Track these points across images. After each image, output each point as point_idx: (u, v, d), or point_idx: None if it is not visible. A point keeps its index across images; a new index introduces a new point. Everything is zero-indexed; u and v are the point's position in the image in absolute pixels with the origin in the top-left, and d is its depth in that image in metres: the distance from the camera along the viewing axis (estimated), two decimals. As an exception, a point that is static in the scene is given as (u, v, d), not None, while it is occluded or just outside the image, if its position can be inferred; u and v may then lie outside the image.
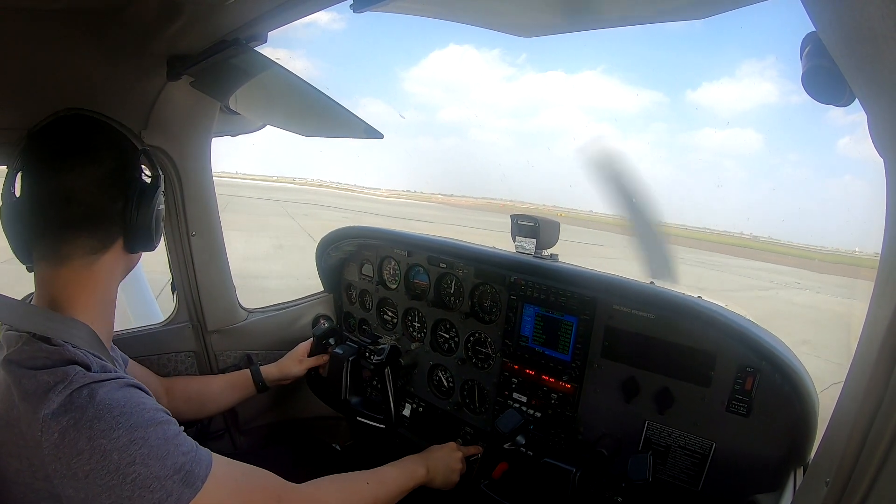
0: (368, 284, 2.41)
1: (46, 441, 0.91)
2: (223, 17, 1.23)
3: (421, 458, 1.69)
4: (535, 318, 1.79)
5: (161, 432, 0.99)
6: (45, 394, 0.93)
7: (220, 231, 2.09)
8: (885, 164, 0.64)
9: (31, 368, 0.97)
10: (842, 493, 0.65)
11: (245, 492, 1.12)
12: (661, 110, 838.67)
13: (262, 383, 2.02)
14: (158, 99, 1.66)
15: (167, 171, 1.86)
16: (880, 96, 0.59)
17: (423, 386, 2.19)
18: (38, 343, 1.01)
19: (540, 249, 1.87)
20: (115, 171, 1.14)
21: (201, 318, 2.12)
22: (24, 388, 0.95)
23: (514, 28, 1.21)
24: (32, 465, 0.94)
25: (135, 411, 0.97)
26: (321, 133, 1.87)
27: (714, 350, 1.42)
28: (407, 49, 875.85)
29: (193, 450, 1.04)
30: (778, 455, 1.33)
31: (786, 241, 72.16)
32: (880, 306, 0.65)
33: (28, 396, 0.94)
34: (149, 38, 1.40)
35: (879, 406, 0.60)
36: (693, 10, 0.96)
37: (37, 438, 0.92)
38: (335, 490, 1.37)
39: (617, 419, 1.62)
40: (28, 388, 0.95)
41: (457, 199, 75.32)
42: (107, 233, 1.15)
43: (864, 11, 0.52)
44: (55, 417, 0.92)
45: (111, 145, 1.16)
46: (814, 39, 0.68)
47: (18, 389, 0.96)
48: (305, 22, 1.27)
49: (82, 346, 1.04)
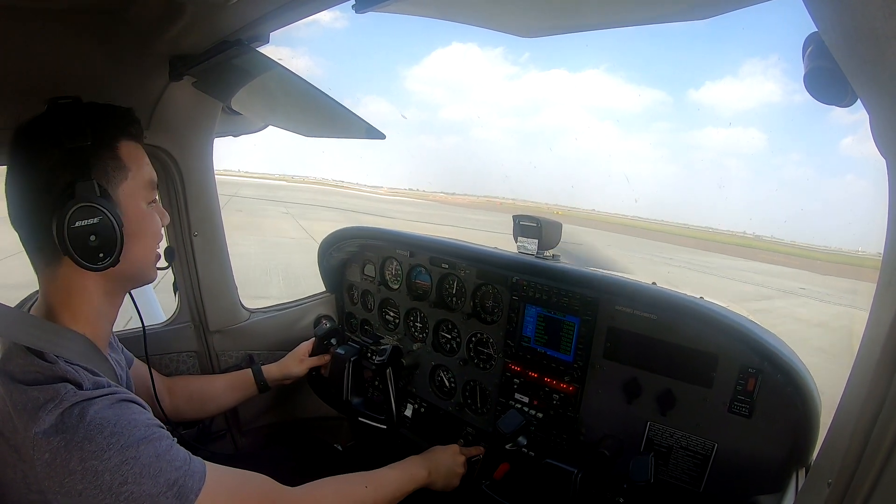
0: (370, 285, 2.41)
1: (38, 459, 0.91)
2: (225, 18, 1.23)
3: (423, 460, 1.68)
4: (537, 319, 1.79)
5: (153, 449, 0.98)
6: (36, 412, 0.92)
7: (223, 231, 2.09)
8: (888, 164, 0.64)
9: (23, 383, 0.96)
10: (844, 494, 0.65)
11: (240, 499, 1.12)
12: (664, 109, 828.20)
13: (263, 383, 2.02)
14: (161, 99, 1.66)
15: (169, 171, 1.86)
16: (882, 96, 0.59)
17: (424, 386, 2.19)
18: (31, 357, 1.00)
19: (542, 250, 1.87)
20: (42, 183, 1.04)
21: (203, 319, 2.13)
22: (15, 403, 0.95)
23: (516, 28, 1.21)
24: (26, 477, 0.94)
25: (125, 430, 0.96)
26: (323, 133, 1.87)
27: (716, 351, 1.42)
28: (410, 47, 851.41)
29: (186, 463, 1.03)
30: (780, 456, 1.33)
31: (789, 240, 71.81)
32: (882, 307, 0.64)
33: (20, 412, 0.94)
34: (151, 38, 1.40)
35: (881, 407, 0.60)
36: (694, 12, 0.96)
37: (29, 455, 0.92)
38: (332, 493, 1.36)
39: (619, 420, 1.61)
40: (19, 403, 0.94)
41: (458, 198, 75.32)
42: (48, 247, 1.06)
43: (865, 12, 0.52)
44: (46, 437, 0.91)
45: (43, 152, 1.05)
46: (815, 40, 0.68)
47: (11, 403, 0.95)
48: (308, 21, 1.26)
49: (76, 359, 1.03)
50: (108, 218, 1.06)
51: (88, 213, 1.03)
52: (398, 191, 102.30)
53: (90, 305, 1.13)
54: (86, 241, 1.03)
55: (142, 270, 1.21)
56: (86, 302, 1.13)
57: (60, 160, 1.04)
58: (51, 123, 1.06)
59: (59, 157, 1.05)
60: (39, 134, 1.06)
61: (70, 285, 1.11)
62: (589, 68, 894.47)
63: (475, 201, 68.78)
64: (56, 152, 1.05)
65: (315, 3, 1.09)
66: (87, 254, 1.04)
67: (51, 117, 1.07)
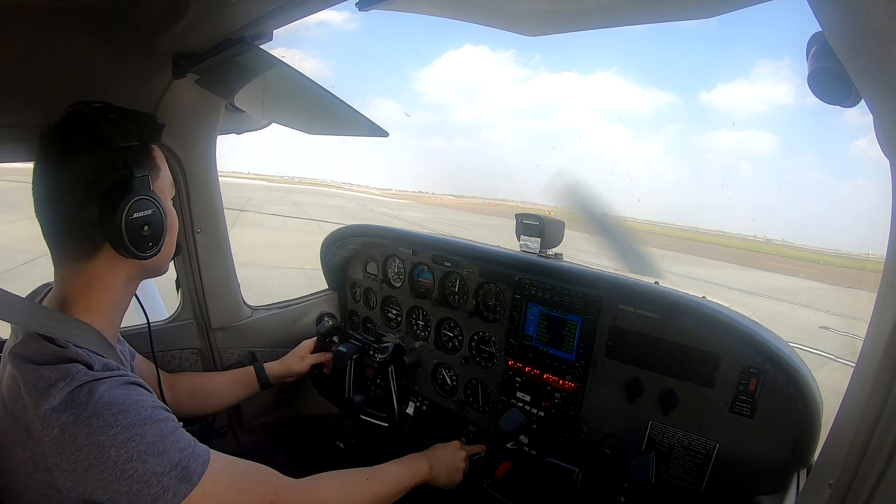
0: (373, 283, 2.41)
1: (47, 436, 0.93)
2: (228, 16, 1.23)
3: (424, 455, 1.69)
4: (539, 318, 1.79)
5: (158, 429, 1.00)
6: (47, 389, 0.95)
7: (225, 229, 2.10)
8: (891, 165, 0.64)
9: (35, 363, 0.99)
10: (845, 495, 0.65)
11: (242, 487, 1.13)
12: (675, 111, 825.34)
13: (265, 380, 2.03)
14: (164, 97, 1.67)
15: (172, 168, 1.86)
16: (886, 97, 0.59)
17: (426, 384, 2.19)
18: (42, 341, 1.03)
19: (545, 248, 1.87)
20: (89, 178, 1.08)
21: (206, 316, 2.14)
22: (27, 382, 0.97)
23: (520, 27, 1.21)
24: (34, 455, 0.96)
25: (133, 409, 0.98)
26: (326, 131, 1.87)
27: (718, 351, 1.42)
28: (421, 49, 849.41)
29: (191, 446, 1.05)
30: (781, 456, 1.33)
31: (800, 244, 71.17)
32: (885, 308, 0.64)
33: (31, 390, 0.96)
34: (154, 36, 1.41)
35: (883, 408, 0.60)
36: (697, 10, 0.96)
37: (38, 432, 0.94)
38: (334, 486, 1.38)
39: (620, 419, 1.61)
40: (31, 382, 0.97)
41: (467, 201, 75.36)
42: (88, 239, 1.11)
43: (870, 12, 0.51)
44: (56, 413, 0.93)
45: (88, 150, 1.08)
46: (820, 40, 0.68)
47: (23, 382, 0.98)
48: (318, 22, 1.26)
49: (85, 345, 1.05)
50: (159, 210, 1.15)
51: (145, 205, 1.11)
52: (404, 193, 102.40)
53: (109, 296, 1.17)
54: (140, 231, 1.11)
55: (164, 262, 1.28)
56: (106, 293, 1.16)
57: (109, 158, 1.09)
58: (92, 125, 1.09)
59: (108, 154, 1.09)
60: (83, 133, 1.09)
61: (96, 277, 1.13)
62: (600, 70, 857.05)
63: (481, 204, 68.64)
64: (105, 150, 1.09)
65: (318, 1, 1.09)
66: (139, 243, 1.12)
67: (88, 119, 1.09)
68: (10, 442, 1.00)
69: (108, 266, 1.14)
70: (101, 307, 1.15)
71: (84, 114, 1.09)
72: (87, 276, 1.13)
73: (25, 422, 0.97)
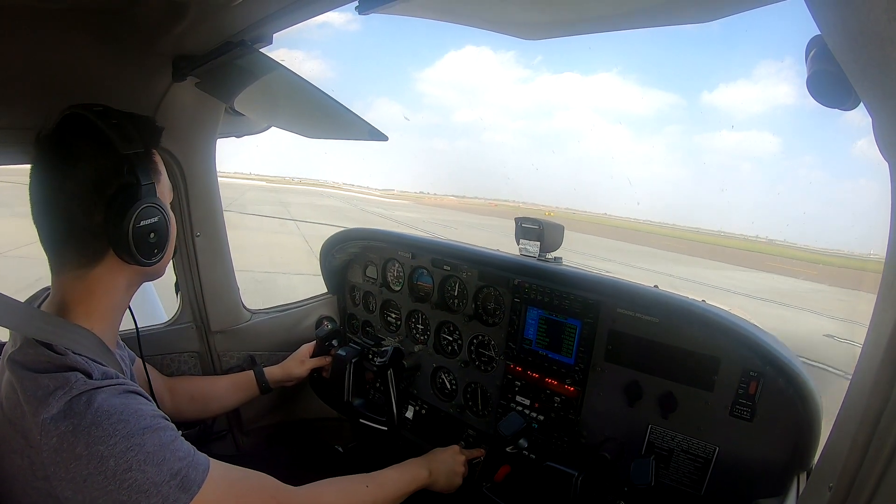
0: (372, 286, 2.41)
1: (46, 445, 0.93)
2: (228, 18, 1.23)
3: (424, 460, 1.68)
4: (538, 322, 1.79)
5: (157, 438, 0.99)
6: (46, 398, 0.94)
7: (225, 232, 2.09)
8: (890, 167, 0.64)
9: (34, 371, 0.98)
10: (845, 498, 0.65)
11: (242, 495, 1.13)
12: (676, 112, 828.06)
13: (265, 384, 2.02)
14: (164, 100, 1.67)
15: (172, 171, 1.86)
16: (885, 99, 0.59)
17: (426, 388, 2.19)
18: (42, 348, 1.02)
19: (544, 252, 1.87)
20: (93, 184, 1.06)
21: (205, 319, 2.13)
22: (25, 390, 0.96)
23: (520, 31, 1.21)
24: (33, 464, 0.95)
25: (132, 418, 0.97)
26: (325, 135, 1.87)
27: (718, 354, 1.42)
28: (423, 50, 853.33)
29: (190, 455, 1.04)
30: (781, 460, 1.33)
31: (802, 244, 71.18)
32: (885, 310, 0.64)
33: (29, 399, 0.95)
34: (154, 38, 1.41)
35: (883, 411, 0.60)
36: (697, 15, 0.96)
37: (37, 440, 0.93)
38: (334, 493, 1.37)
39: (620, 423, 1.61)
40: (29, 391, 0.96)
41: (469, 201, 75.40)
42: (91, 247, 1.10)
43: (868, 15, 0.52)
44: (54, 423, 0.93)
45: (90, 156, 1.07)
46: (818, 43, 0.68)
47: (21, 390, 0.97)
48: (320, 23, 1.27)
49: (85, 352, 1.04)
50: (164, 217, 1.15)
51: (151, 212, 1.11)
52: (405, 193, 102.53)
53: (109, 301, 1.16)
54: (146, 238, 1.11)
55: (164, 267, 1.27)
56: (106, 298, 1.15)
57: (112, 164, 1.08)
58: (95, 129, 1.07)
59: (112, 160, 1.08)
60: (84, 138, 1.07)
61: (97, 282, 1.12)
62: (602, 71, 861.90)
63: (481, 205, 68.75)
64: (108, 156, 1.07)
65: (318, 5, 1.09)
66: (145, 251, 1.11)
67: (90, 124, 1.08)
68: (9, 449, 0.99)
69: (110, 272, 1.13)
70: (101, 312, 1.14)
71: (84, 117, 1.08)
72: (88, 282, 1.12)
73: (24, 430, 0.96)
